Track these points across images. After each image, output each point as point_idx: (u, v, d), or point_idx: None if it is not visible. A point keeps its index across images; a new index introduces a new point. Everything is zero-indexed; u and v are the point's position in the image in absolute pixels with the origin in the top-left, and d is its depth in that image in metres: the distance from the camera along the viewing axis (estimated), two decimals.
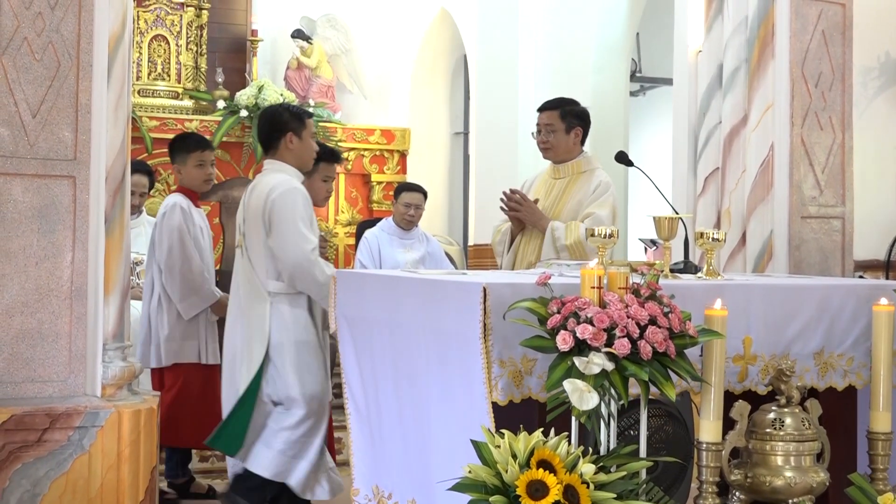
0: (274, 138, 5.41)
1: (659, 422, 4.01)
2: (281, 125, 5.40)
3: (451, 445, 3.74)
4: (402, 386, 4.09)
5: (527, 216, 5.79)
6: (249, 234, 5.29)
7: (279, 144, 5.40)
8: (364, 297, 4.39)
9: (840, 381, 4.30)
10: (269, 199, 5.20)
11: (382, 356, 4.23)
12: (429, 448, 3.94)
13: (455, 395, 3.76)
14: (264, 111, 5.69)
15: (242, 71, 10.48)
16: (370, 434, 4.38)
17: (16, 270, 4.15)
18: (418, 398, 3.99)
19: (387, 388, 4.22)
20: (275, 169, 5.37)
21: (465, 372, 3.67)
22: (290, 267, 5.15)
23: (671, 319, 3.57)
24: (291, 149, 5.40)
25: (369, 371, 4.34)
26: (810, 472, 3.94)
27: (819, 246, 5.93)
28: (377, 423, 4.33)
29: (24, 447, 4.08)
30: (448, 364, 3.79)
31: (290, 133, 5.39)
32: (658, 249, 9.23)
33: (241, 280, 5.33)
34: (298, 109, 5.54)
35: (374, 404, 4.34)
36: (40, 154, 4.18)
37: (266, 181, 5.30)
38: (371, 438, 4.38)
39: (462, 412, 3.71)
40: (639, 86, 12.45)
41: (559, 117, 5.86)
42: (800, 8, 5.88)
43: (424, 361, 3.94)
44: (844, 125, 6.03)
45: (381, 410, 4.28)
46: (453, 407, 3.77)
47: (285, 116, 5.43)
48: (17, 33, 4.15)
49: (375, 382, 4.31)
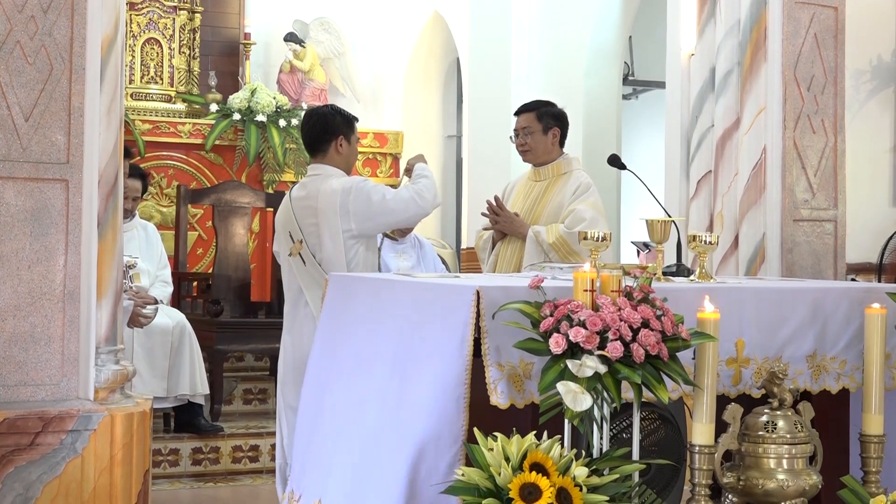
0: (324, 141, 5.39)
1: (652, 425, 4.01)
2: (333, 128, 5.39)
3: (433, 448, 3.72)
4: (384, 387, 4.06)
5: (505, 226, 5.81)
6: (316, 235, 5.26)
7: (328, 148, 5.39)
8: (355, 299, 4.39)
9: (833, 384, 4.31)
10: (347, 195, 5.21)
11: (365, 358, 4.21)
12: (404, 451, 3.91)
13: (448, 397, 3.75)
14: (313, 112, 5.63)
15: (235, 74, 10.48)
16: (308, 437, 4.38)
17: (8, 274, 4.14)
18: (409, 399, 3.97)
19: (360, 389, 4.19)
20: (328, 174, 5.35)
21: (455, 374, 3.66)
22: (417, 218, 5.51)
23: (664, 322, 3.57)
24: (341, 152, 5.39)
25: (336, 372, 4.33)
26: (803, 475, 3.95)
27: (811, 249, 5.93)
28: (320, 425, 4.32)
29: (17, 451, 4.07)
30: (438, 367, 3.78)
31: (340, 136, 5.38)
32: (651, 252, 9.23)
33: (306, 284, 5.28)
34: (348, 114, 5.52)
35: (328, 406, 4.33)
36: (33, 157, 4.17)
37: (328, 185, 5.27)
38: (307, 441, 4.37)
39: (446, 415, 3.69)
40: (631, 89, 12.46)
41: (536, 118, 5.88)
42: (792, 11, 5.89)
43: (415, 364, 3.93)
44: (837, 128, 6.03)
45: (340, 413, 4.27)
46: (440, 410, 3.75)
47: (337, 120, 5.41)
48: (10, 37, 4.14)
49: (338, 384, 4.29)
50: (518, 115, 5.97)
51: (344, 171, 5.39)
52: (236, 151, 9.91)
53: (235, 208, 8.34)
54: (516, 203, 5.93)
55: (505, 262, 5.82)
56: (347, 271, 5.15)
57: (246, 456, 7.22)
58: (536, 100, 6.14)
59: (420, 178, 5.42)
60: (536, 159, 5.93)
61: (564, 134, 5.94)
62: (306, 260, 5.23)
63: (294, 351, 5.26)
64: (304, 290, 5.24)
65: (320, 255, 5.21)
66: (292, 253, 5.30)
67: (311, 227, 5.24)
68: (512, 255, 5.79)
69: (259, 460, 7.25)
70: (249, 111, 9.87)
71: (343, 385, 4.26)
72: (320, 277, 5.11)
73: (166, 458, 6.97)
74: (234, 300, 8.06)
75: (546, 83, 9.65)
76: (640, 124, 12.65)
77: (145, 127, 9.55)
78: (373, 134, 10.59)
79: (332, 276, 4.61)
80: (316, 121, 5.44)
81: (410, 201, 5.30)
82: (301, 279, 5.26)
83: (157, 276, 7.60)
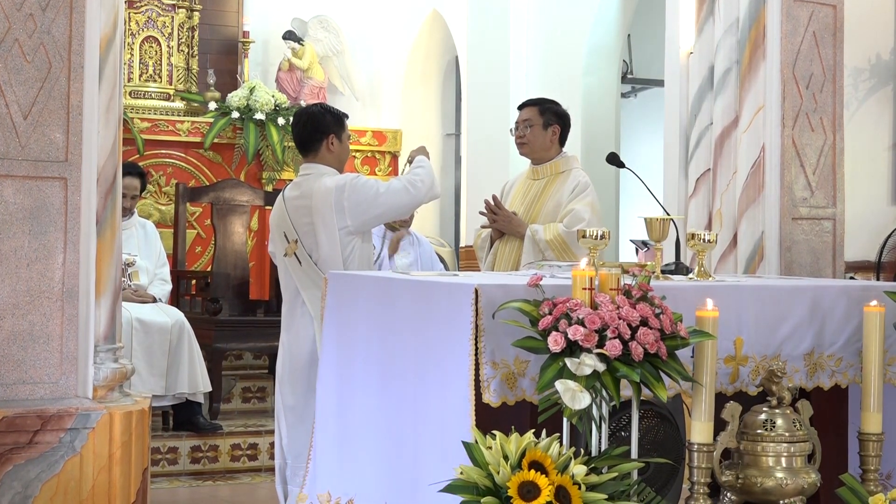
0: (315, 140, 5.37)
1: (650, 423, 4.01)
2: (323, 127, 5.37)
3: (438, 447, 3.74)
4: (390, 388, 4.09)
5: (503, 225, 5.81)
6: (312, 234, 5.26)
7: (320, 147, 5.37)
8: (355, 298, 4.39)
9: (826, 380, 4.30)
10: (342, 192, 5.19)
11: (368, 357, 4.22)
12: (410, 450, 3.93)
13: (446, 396, 3.75)
14: (303, 112, 5.60)
15: (234, 72, 10.47)
16: (337, 438, 4.38)
17: (7, 272, 4.14)
18: (406, 400, 3.98)
19: (368, 390, 4.20)
20: (320, 172, 5.32)
21: (456, 373, 3.67)
22: (410, 207, 5.51)
23: (662, 321, 3.57)
24: (332, 151, 5.37)
25: (348, 373, 4.34)
26: (801, 473, 3.95)
27: (810, 247, 5.93)
28: (346, 426, 4.32)
29: (16, 449, 4.07)
30: (439, 366, 3.79)
31: (331, 135, 5.37)
32: (649, 251, 9.23)
33: (302, 284, 5.26)
34: (339, 112, 5.50)
35: (346, 408, 4.33)
36: (31, 155, 4.17)
37: (322, 183, 5.25)
38: (338, 442, 4.37)
39: (451, 414, 3.70)
40: (630, 87, 12.47)
41: (538, 113, 5.88)
42: (791, 9, 5.89)
43: (415, 363, 3.93)
44: (835, 126, 6.03)
45: (356, 413, 4.27)
46: (443, 409, 3.76)
47: (328, 118, 5.40)
48: (9, 34, 4.14)
49: (353, 385, 4.30)
50: (521, 108, 5.97)
51: (336, 169, 5.38)
52: (235, 149, 9.91)
53: (234, 206, 8.33)
54: (514, 202, 5.92)
55: (503, 260, 5.82)
56: (344, 269, 5.14)
57: (244, 454, 7.22)
58: (542, 97, 6.14)
59: (416, 168, 5.42)
60: (532, 154, 5.92)
61: (565, 133, 5.93)
62: (302, 260, 5.22)
63: (292, 351, 5.25)
64: (301, 290, 5.23)
65: (317, 255, 5.20)
66: (287, 253, 5.28)
67: (307, 226, 5.23)
68: (510, 253, 5.79)
69: (258, 459, 7.25)
70: (248, 109, 9.87)
71: (361, 388, 4.24)
72: (317, 277, 5.10)
73: (165, 457, 6.97)
74: (233, 298, 8.06)
75: (545, 81, 9.65)
76: (638, 122, 12.66)
77: (144, 125, 9.54)
78: (371, 132, 10.58)
79: (331, 274, 4.61)
80: (306, 120, 5.44)
81: (403, 191, 5.30)
82: (297, 279, 5.25)
83: (156, 274, 7.60)
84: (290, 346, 5.26)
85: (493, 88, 9.87)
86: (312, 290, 5.15)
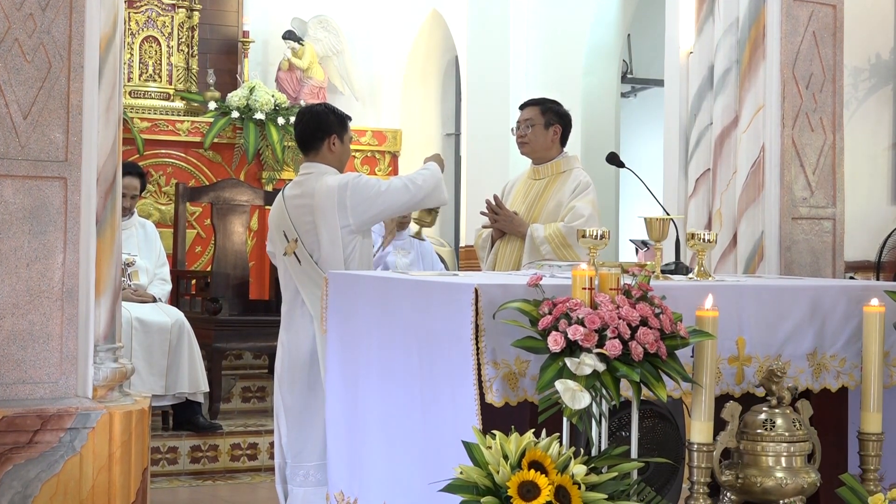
0: (317, 139, 5.36)
1: (650, 423, 4.01)
2: (326, 127, 5.37)
3: (440, 447, 3.74)
4: (390, 388, 4.09)
5: (504, 225, 5.82)
6: (313, 233, 5.25)
7: (321, 146, 5.36)
8: (355, 298, 4.39)
9: (834, 382, 4.30)
10: (344, 191, 5.19)
11: (370, 358, 4.23)
12: (413, 450, 3.94)
13: (446, 396, 3.75)
14: (307, 110, 5.60)
15: (234, 72, 10.47)
16: (346, 438, 4.38)
17: (7, 272, 4.14)
18: (407, 400, 3.98)
19: (371, 390, 4.21)
20: (321, 171, 5.32)
21: (458, 373, 3.67)
22: (409, 206, 5.43)
23: (662, 320, 3.57)
24: (333, 151, 5.37)
25: (352, 374, 4.34)
26: (801, 473, 3.95)
27: (810, 247, 5.94)
28: (354, 426, 4.32)
29: (16, 449, 4.07)
30: (440, 366, 3.79)
31: (333, 136, 5.37)
32: (649, 250, 9.24)
33: (302, 283, 5.25)
34: (343, 113, 5.50)
35: (352, 408, 4.33)
36: (31, 155, 4.17)
37: (324, 182, 5.25)
38: (347, 442, 4.37)
39: (453, 414, 3.70)
40: (630, 87, 12.47)
41: (540, 112, 5.88)
42: (790, 9, 5.89)
43: (416, 363, 3.93)
44: (835, 126, 6.04)
45: (362, 414, 4.28)
46: (444, 409, 3.77)
47: (331, 118, 5.39)
48: (8, 34, 4.14)
49: (358, 385, 4.30)
50: (523, 108, 5.97)
51: (337, 169, 5.38)
52: (235, 149, 9.91)
53: (234, 206, 8.34)
54: (515, 202, 5.93)
55: (504, 260, 5.83)
56: (345, 267, 5.14)
57: (244, 454, 7.23)
58: (543, 97, 6.14)
59: (421, 169, 5.42)
60: (533, 153, 5.92)
61: (566, 134, 5.93)
62: (302, 259, 5.21)
63: (291, 350, 5.25)
64: (301, 290, 5.23)
65: (318, 254, 5.19)
66: (287, 252, 5.27)
67: (307, 225, 5.23)
68: (511, 253, 5.80)
69: (257, 458, 7.25)
70: (248, 109, 9.87)
71: (363, 389, 4.24)
72: (317, 276, 5.09)
73: (165, 457, 6.97)
74: (233, 298, 8.06)
75: (545, 81, 9.65)
76: (638, 122, 12.66)
77: (144, 125, 9.54)
78: (371, 132, 10.59)
79: (332, 274, 4.60)
80: (309, 119, 5.43)
81: (402, 189, 5.30)
82: (297, 278, 5.25)
83: (156, 273, 7.61)
84: (290, 346, 5.26)
85: (493, 88, 9.87)
86: (312, 289, 5.14)
